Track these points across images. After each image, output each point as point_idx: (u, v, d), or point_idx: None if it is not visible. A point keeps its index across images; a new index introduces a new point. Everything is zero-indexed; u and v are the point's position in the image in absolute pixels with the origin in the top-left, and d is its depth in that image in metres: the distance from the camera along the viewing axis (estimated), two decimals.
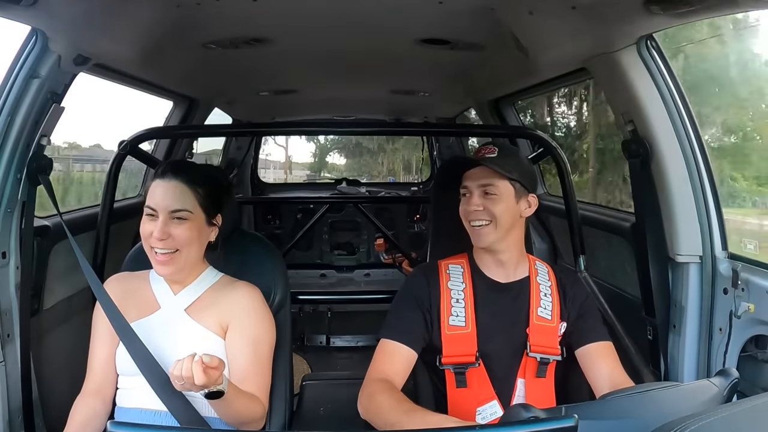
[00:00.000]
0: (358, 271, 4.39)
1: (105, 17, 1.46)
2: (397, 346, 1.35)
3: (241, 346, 1.32)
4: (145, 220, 1.30)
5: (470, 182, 1.38)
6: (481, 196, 1.36)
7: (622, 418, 0.89)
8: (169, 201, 1.28)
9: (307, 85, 2.96)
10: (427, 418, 1.14)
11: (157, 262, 1.29)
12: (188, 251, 1.30)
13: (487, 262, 1.42)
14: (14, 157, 1.48)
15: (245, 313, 1.34)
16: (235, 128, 3.82)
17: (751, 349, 1.50)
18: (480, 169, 1.37)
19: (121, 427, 0.85)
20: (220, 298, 1.35)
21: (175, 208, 1.28)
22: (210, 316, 1.33)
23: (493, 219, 1.35)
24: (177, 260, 1.29)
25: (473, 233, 1.38)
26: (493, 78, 2.55)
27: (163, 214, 1.27)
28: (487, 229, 1.36)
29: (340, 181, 4.90)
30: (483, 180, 1.36)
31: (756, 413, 0.83)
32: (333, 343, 3.65)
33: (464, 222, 1.40)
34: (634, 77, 1.58)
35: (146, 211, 1.29)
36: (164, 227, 1.27)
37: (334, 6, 1.66)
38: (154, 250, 1.29)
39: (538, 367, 1.37)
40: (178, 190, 1.29)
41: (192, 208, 1.30)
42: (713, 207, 1.61)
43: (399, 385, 1.30)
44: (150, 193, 1.30)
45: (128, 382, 1.32)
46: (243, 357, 1.31)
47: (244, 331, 1.33)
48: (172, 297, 1.36)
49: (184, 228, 1.28)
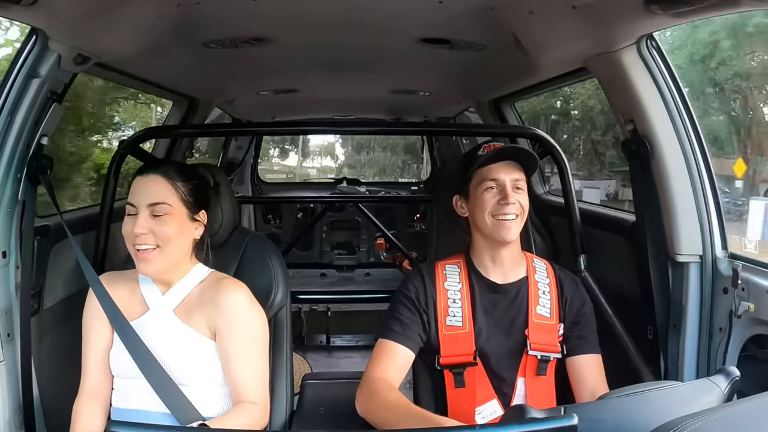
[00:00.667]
0: (358, 270, 4.39)
1: (105, 16, 1.46)
2: (394, 346, 1.35)
3: (233, 349, 1.30)
4: (127, 220, 1.29)
5: (503, 175, 1.37)
6: (514, 190, 1.37)
7: (622, 418, 0.89)
8: (147, 195, 1.28)
9: (307, 84, 2.96)
10: (427, 418, 1.15)
11: (139, 260, 1.28)
12: (170, 247, 1.28)
13: (485, 262, 1.42)
14: (14, 156, 1.48)
15: (233, 317, 1.31)
16: (235, 128, 3.82)
17: (751, 349, 1.50)
18: (507, 163, 1.37)
19: (121, 427, 0.85)
20: (206, 300, 1.33)
21: (153, 201, 1.27)
22: (197, 317, 1.32)
23: (521, 213, 1.37)
24: (158, 257, 1.28)
25: (500, 227, 1.36)
26: (493, 78, 2.54)
27: (143, 209, 1.27)
28: (516, 222, 1.36)
29: (340, 180, 4.90)
30: (515, 174, 1.37)
31: (756, 413, 0.83)
32: (333, 343, 3.65)
33: (485, 216, 1.37)
34: (635, 77, 1.58)
35: (127, 210, 1.29)
36: (144, 222, 1.26)
37: (335, 6, 1.66)
38: (136, 248, 1.28)
39: (538, 365, 1.37)
40: (156, 184, 1.29)
41: (171, 201, 1.29)
42: (713, 207, 1.61)
43: (397, 384, 1.31)
44: (131, 192, 1.30)
45: (124, 384, 1.31)
46: (237, 359, 1.30)
47: (234, 334, 1.31)
48: (160, 297, 1.35)
49: (164, 223, 1.27)
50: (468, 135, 3.53)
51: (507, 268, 1.42)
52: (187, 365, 1.29)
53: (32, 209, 1.56)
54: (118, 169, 1.85)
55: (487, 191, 1.37)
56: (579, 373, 1.38)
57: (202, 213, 1.35)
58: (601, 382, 1.37)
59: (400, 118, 4.20)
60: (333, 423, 1.49)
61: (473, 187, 1.40)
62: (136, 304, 1.35)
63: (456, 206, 1.45)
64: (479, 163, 1.38)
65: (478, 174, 1.39)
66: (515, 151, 1.39)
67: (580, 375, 1.38)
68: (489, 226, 1.37)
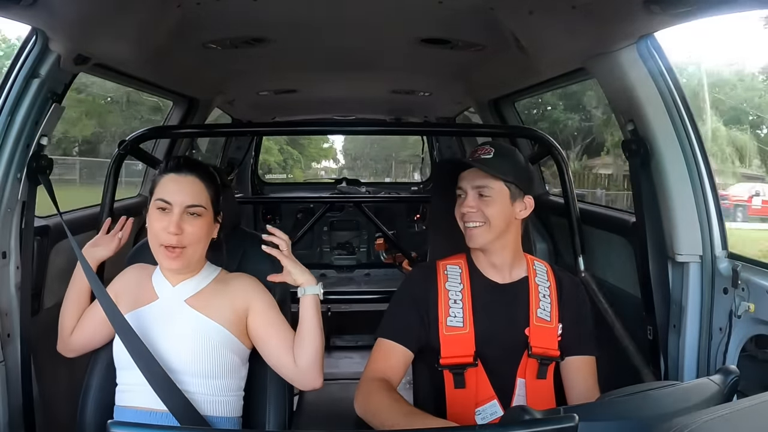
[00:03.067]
0: (358, 270, 4.39)
1: (105, 17, 1.46)
2: (393, 345, 1.35)
3: (272, 319, 1.36)
4: (156, 215, 1.29)
5: (465, 183, 1.38)
6: (476, 198, 1.36)
7: (622, 418, 0.89)
8: (185, 196, 1.28)
9: (307, 84, 2.96)
10: (427, 421, 1.15)
11: (165, 257, 1.29)
12: (196, 247, 1.31)
13: (483, 262, 1.42)
14: (14, 156, 1.48)
15: (260, 294, 1.37)
16: (235, 128, 3.82)
17: (751, 349, 1.50)
18: (475, 170, 1.36)
19: (121, 427, 0.85)
20: (227, 290, 1.36)
21: (192, 203, 1.28)
22: (217, 307, 1.34)
23: (487, 221, 1.35)
24: (185, 255, 1.30)
25: (467, 234, 1.38)
26: (493, 78, 2.54)
27: (179, 209, 1.27)
28: (479, 230, 1.36)
29: (340, 180, 4.90)
30: (477, 181, 1.36)
31: (756, 413, 0.83)
32: (333, 343, 3.65)
33: (459, 222, 1.40)
34: (634, 77, 1.58)
35: (158, 204, 1.28)
36: (179, 222, 1.27)
37: (334, 6, 1.66)
38: (162, 246, 1.28)
39: (538, 368, 1.37)
40: (194, 186, 1.30)
41: (206, 204, 1.31)
42: (713, 207, 1.61)
43: (395, 384, 1.31)
44: (162, 187, 1.30)
45: (127, 378, 1.31)
46: (279, 327, 1.35)
47: (267, 308, 1.36)
48: (170, 288, 1.36)
49: (197, 224, 1.29)
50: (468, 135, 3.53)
51: (503, 269, 1.42)
52: (196, 353, 1.30)
53: (32, 209, 1.56)
54: (117, 169, 1.85)
55: (458, 198, 1.40)
56: (574, 376, 1.38)
57: (221, 214, 1.37)
58: (595, 388, 1.36)
59: (400, 118, 4.20)
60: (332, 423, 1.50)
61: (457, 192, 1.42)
62: (145, 293, 1.36)
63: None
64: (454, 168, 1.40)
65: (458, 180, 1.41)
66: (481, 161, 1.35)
67: (575, 378, 1.37)
68: (463, 231, 1.39)
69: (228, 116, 3.70)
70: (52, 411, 1.61)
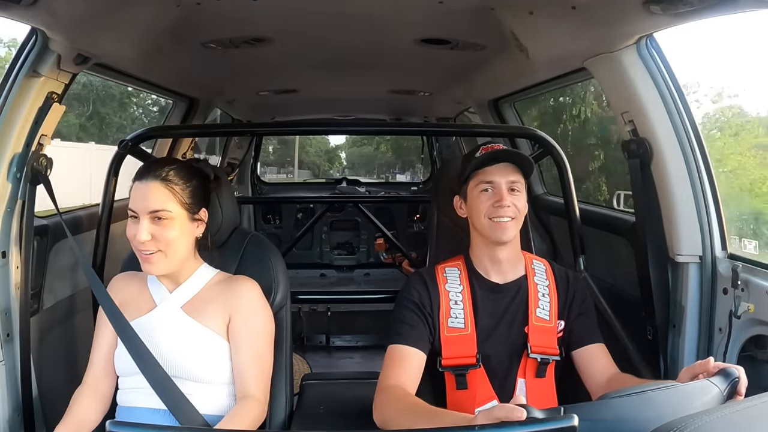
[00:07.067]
0: (357, 270, 4.39)
1: (105, 17, 1.46)
2: (405, 350, 1.33)
3: (243, 337, 1.33)
4: (129, 223, 1.30)
5: (498, 178, 1.37)
6: (508, 192, 1.37)
7: (622, 418, 0.89)
8: (148, 202, 1.28)
9: (307, 84, 2.96)
10: (447, 418, 1.12)
11: (143, 261, 1.30)
12: (172, 250, 1.31)
13: (484, 263, 1.42)
14: (14, 156, 1.48)
15: (246, 306, 1.35)
16: (235, 128, 3.82)
17: (751, 349, 1.50)
18: (506, 164, 1.38)
19: (121, 427, 0.85)
20: (218, 294, 1.35)
21: (154, 209, 1.28)
22: (209, 313, 1.33)
23: (517, 215, 1.37)
24: (162, 260, 1.30)
25: (496, 228, 1.36)
26: (493, 78, 2.54)
27: (144, 216, 1.28)
28: (511, 223, 1.37)
29: (340, 180, 4.91)
30: (511, 176, 1.37)
31: (756, 413, 0.83)
32: (333, 343, 3.65)
33: (481, 217, 1.37)
34: (634, 77, 1.58)
35: (129, 213, 1.31)
36: (145, 229, 1.27)
37: (334, 6, 1.66)
38: (140, 251, 1.29)
39: (538, 368, 1.37)
40: (155, 191, 1.29)
41: (171, 207, 1.29)
42: (713, 207, 1.61)
43: (412, 389, 1.29)
44: (131, 196, 1.31)
45: (128, 382, 1.32)
46: (245, 348, 1.32)
47: (245, 323, 1.34)
48: (167, 295, 1.36)
49: (165, 228, 1.29)
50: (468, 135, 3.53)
51: (506, 268, 1.42)
52: (194, 360, 1.30)
53: (32, 209, 1.56)
54: (117, 169, 1.85)
55: (483, 193, 1.38)
56: (591, 363, 1.37)
57: (202, 211, 1.35)
58: (612, 365, 1.37)
59: (400, 118, 4.20)
60: (332, 423, 1.49)
61: (470, 188, 1.40)
62: (144, 301, 1.37)
63: (456, 207, 1.46)
64: (475, 165, 1.38)
65: (475, 176, 1.39)
66: (510, 155, 1.39)
67: (592, 364, 1.37)
68: (485, 227, 1.37)
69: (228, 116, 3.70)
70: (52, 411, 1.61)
